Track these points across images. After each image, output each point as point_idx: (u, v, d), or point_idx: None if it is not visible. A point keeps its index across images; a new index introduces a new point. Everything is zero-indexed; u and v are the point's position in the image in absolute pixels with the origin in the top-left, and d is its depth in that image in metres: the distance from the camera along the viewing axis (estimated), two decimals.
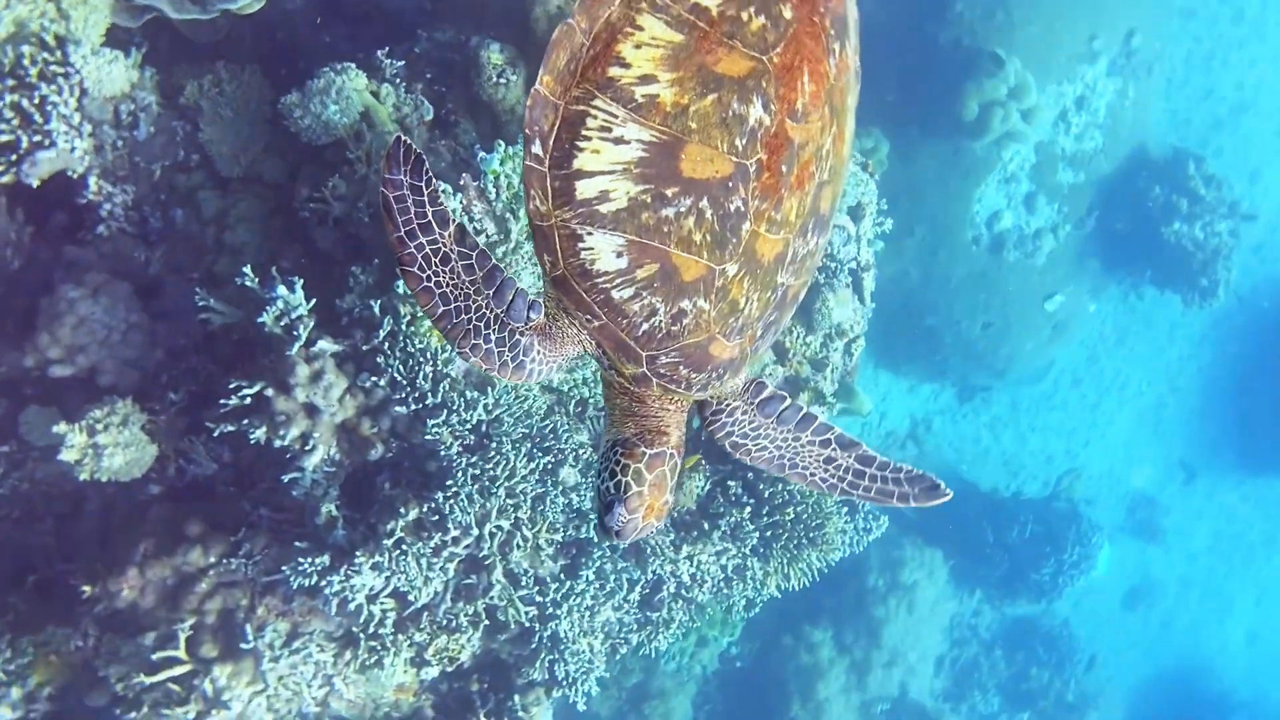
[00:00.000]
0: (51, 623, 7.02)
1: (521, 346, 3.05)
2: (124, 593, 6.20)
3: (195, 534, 6.29)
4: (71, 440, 6.24)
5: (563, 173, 2.61)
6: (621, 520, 3.04)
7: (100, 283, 6.55)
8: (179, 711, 5.95)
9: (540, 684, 6.98)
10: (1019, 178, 17.60)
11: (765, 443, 3.47)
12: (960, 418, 23.77)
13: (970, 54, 15.70)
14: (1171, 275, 19.16)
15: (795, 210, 2.79)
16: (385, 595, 6.06)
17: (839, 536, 7.52)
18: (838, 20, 2.73)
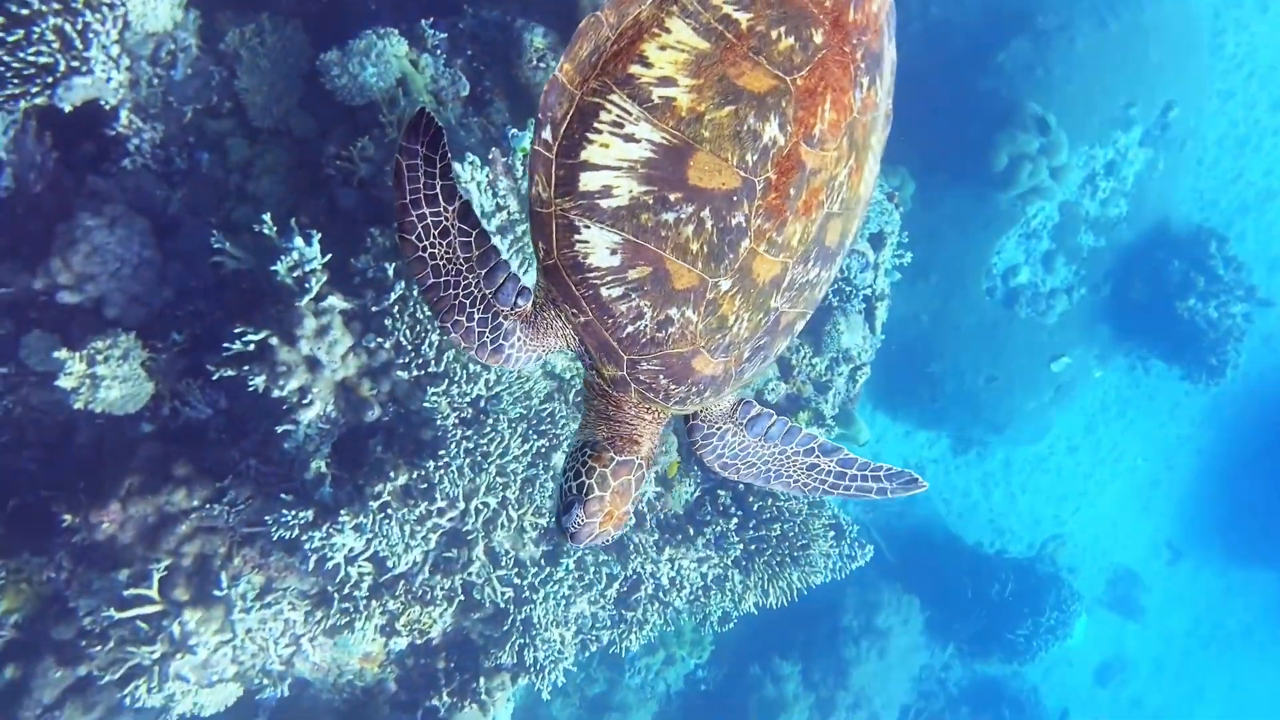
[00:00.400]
0: (27, 550, 6.99)
1: (503, 330, 3.02)
2: (104, 525, 6.16)
3: (181, 475, 6.27)
4: (71, 368, 6.21)
5: (569, 162, 2.58)
6: (579, 523, 3.01)
7: (118, 214, 6.55)
8: (144, 650, 5.90)
9: (507, 668, 6.92)
10: (1040, 235, 17.60)
11: (753, 459, 3.48)
12: (953, 469, 23.74)
13: (1007, 105, 15.75)
14: (1181, 350, 19.12)
15: (799, 236, 2.73)
16: (364, 558, 6.03)
17: (822, 560, 7.47)
18: (871, 56, 2.69)
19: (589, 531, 3.03)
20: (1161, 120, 18.11)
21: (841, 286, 8.06)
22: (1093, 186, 17.70)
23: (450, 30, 7.24)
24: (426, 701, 7.01)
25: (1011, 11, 16.77)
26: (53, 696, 7.01)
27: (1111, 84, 16.86)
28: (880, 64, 2.76)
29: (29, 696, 6.96)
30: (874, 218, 8.48)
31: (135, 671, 6.07)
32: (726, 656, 16.84)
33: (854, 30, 2.59)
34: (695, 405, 3.13)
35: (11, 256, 6.97)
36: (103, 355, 6.28)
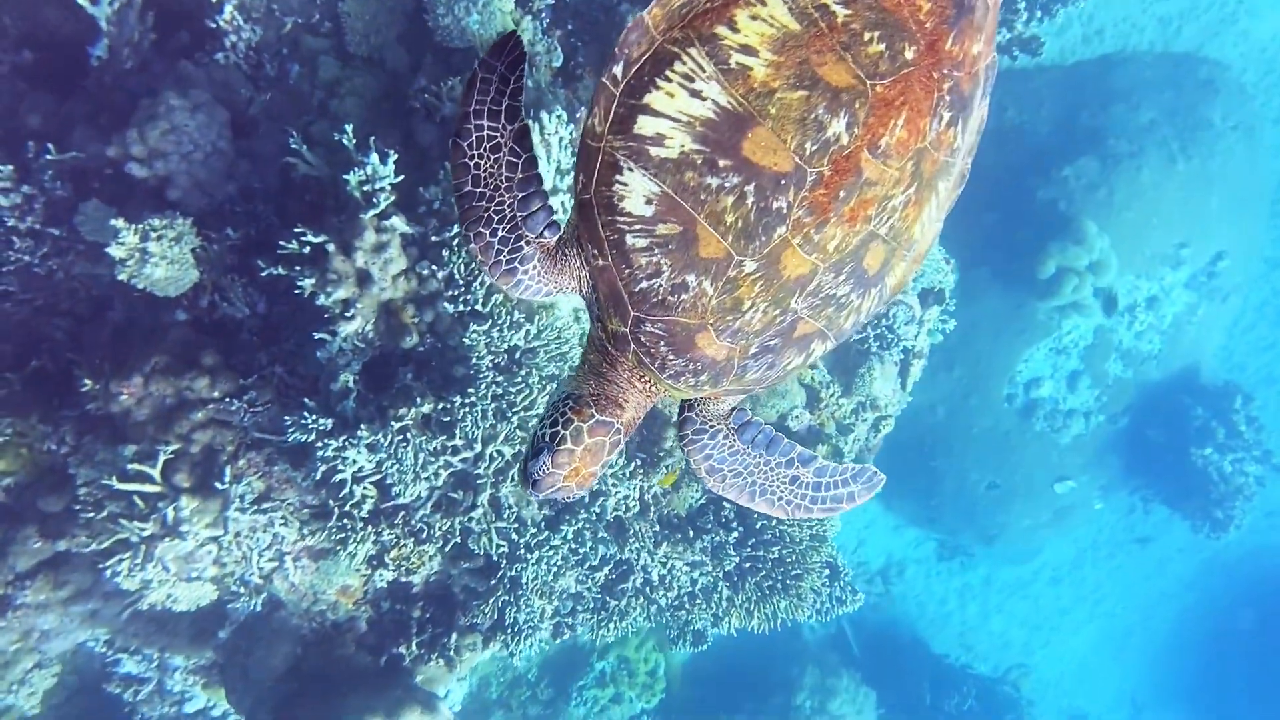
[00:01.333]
0: (39, 412, 6.96)
1: (522, 254, 3.00)
2: (123, 397, 6.13)
3: (208, 364, 6.25)
4: (124, 238, 6.22)
5: (631, 102, 2.54)
6: (544, 470, 2.95)
7: (203, 101, 6.60)
8: (135, 525, 5.83)
9: (481, 629, 6.82)
10: (1070, 352, 17.60)
11: (739, 468, 3.40)
12: (934, 574, 23.57)
13: (1063, 218, 15.85)
14: (1188, 497, 19.02)
15: (836, 242, 2.66)
16: (370, 481, 5.97)
17: (812, 595, 7.37)
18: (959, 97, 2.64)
19: (552, 482, 2.96)
20: (1210, 268, 18.21)
21: (884, 333, 8.06)
22: (1131, 317, 17.74)
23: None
24: (394, 648, 6.90)
25: (1085, 129, 16.95)
26: (27, 566, 6.96)
27: (1169, 220, 16.97)
28: (967, 111, 2.72)
29: (3, 561, 6.91)
30: (929, 273, 8.50)
31: (121, 546, 5.99)
32: (674, 708, 16.56)
33: (947, 60, 2.56)
34: (688, 387, 3.03)
35: (88, 123, 7.03)
36: (157, 233, 6.29)
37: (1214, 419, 18.42)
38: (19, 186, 6.81)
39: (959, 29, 2.53)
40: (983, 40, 2.64)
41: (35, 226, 6.88)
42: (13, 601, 6.92)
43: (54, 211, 6.95)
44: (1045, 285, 15.61)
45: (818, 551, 7.26)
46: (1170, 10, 20.27)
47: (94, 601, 7.19)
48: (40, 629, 7.16)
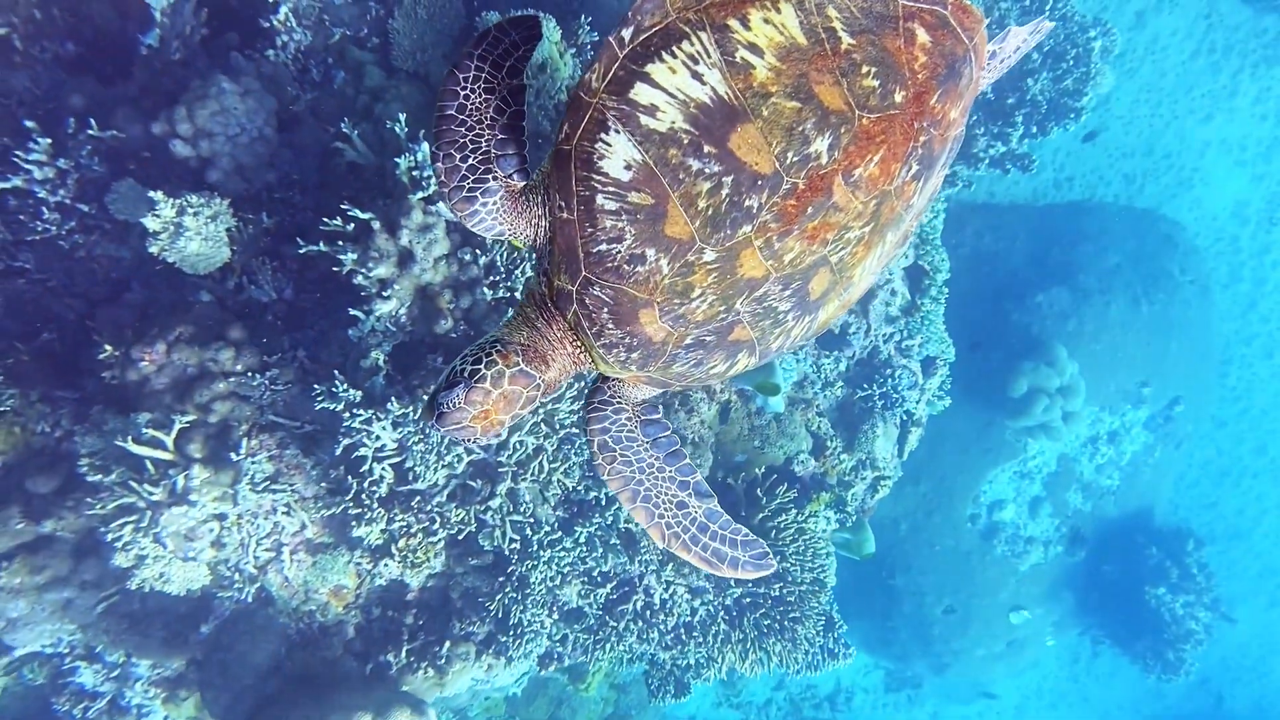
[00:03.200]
0: (44, 384, 6.81)
1: (486, 188, 2.96)
2: (144, 363, 6.03)
3: (234, 338, 6.18)
4: (160, 210, 6.22)
5: (633, 67, 2.55)
6: (455, 404, 2.87)
7: (253, 88, 6.72)
8: (146, 489, 5.66)
9: (476, 639, 6.60)
10: (1034, 478, 17.85)
11: (631, 458, 3.31)
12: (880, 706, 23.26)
13: (1034, 342, 16.33)
14: (1139, 636, 19.07)
15: (793, 255, 2.73)
16: (389, 462, 5.87)
17: (806, 645, 7.25)
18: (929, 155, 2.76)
19: (458, 418, 2.89)
20: (1167, 411, 18.75)
21: (889, 392, 8.18)
22: (1094, 449, 18.11)
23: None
24: (381, 655, 6.65)
25: (1057, 263, 17.64)
26: (6, 547, 6.72)
27: (1133, 358, 17.55)
28: (930, 171, 2.84)
29: None
30: (933, 343, 8.72)
31: (127, 510, 5.80)
32: None
33: (929, 115, 2.68)
34: (617, 361, 3.01)
35: (131, 106, 7.10)
36: (194, 209, 6.31)
37: (1168, 559, 18.67)
38: (54, 160, 6.82)
39: (945, 89, 2.67)
40: (959, 110, 2.81)
41: (65, 201, 6.86)
42: None
43: (86, 189, 6.95)
44: (1016, 404, 15.94)
45: (817, 598, 7.19)
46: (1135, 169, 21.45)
47: (70, 590, 6.89)
48: (8, 616, 6.82)
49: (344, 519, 6.46)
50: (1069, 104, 11.59)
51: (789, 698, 23.03)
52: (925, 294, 8.43)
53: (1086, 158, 21.02)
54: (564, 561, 6.35)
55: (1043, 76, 11.52)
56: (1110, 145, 21.16)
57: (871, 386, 8.15)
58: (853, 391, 8.23)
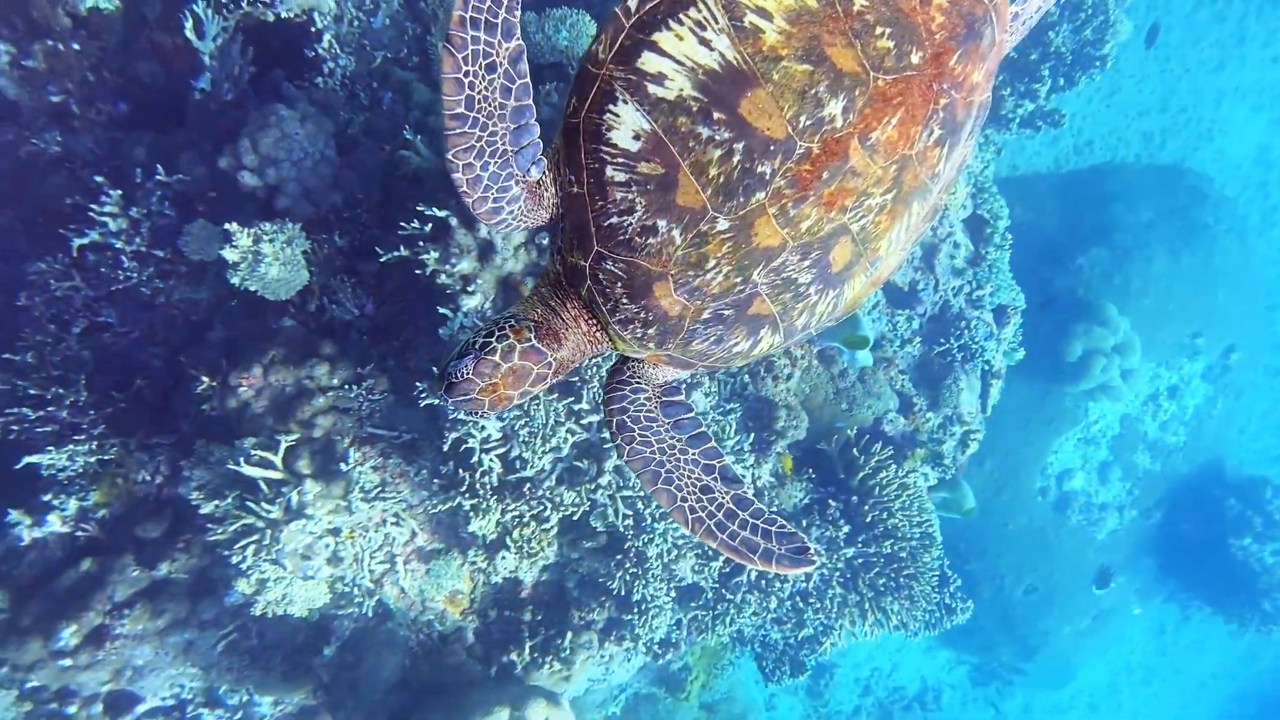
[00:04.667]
0: (143, 430, 6.90)
1: (510, 194, 2.85)
2: (242, 389, 6.09)
3: (326, 353, 6.24)
4: (238, 240, 6.32)
5: (640, 36, 2.52)
6: (463, 373, 2.83)
7: (310, 113, 6.84)
8: (263, 507, 5.70)
9: (597, 626, 6.57)
10: (1099, 442, 17.66)
11: (651, 439, 3.21)
12: (970, 701, 22.86)
13: (1082, 304, 16.22)
14: (1231, 593, 18.68)
15: (809, 223, 2.65)
16: (495, 453, 5.88)
17: (923, 600, 7.17)
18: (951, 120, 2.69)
19: (466, 389, 2.85)
20: (1223, 361, 18.54)
21: (967, 343, 8.15)
22: (1155, 406, 17.92)
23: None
24: (504, 656, 6.62)
25: (1091, 225, 17.57)
26: (125, 595, 6.80)
27: (1183, 309, 17.39)
28: (955, 137, 2.75)
29: (102, 591, 6.73)
30: (1003, 291, 8.69)
31: (247, 531, 5.83)
32: None
33: (949, 77, 2.62)
34: (634, 339, 2.95)
35: (191, 150, 7.24)
36: (269, 236, 6.41)
37: (1249, 509, 18.34)
38: (127, 210, 6.95)
39: (965, 50, 2.62)
40: (983, 73, 2.74)
41: (142, 249, 6.98)
42: (110, 632, 6.68)
43: (160, 235, 7.07)
44: (1073, 368, 15.79)
45: (928, 552, 7.11)
46: (1153, 126, 21.41)
47: (190, 631, 6.93)
48: (134, 664, 6.86)
49: (454, 521, 6.48)
50: (1092, 53, 11.61)
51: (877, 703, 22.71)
52: (989, 243, 8.43)
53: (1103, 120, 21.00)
54: (678, 533, 6.31)
55: (1063, 29, 11.56)
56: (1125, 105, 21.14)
57: (948, 340, 8.12)
58: (930, 348, 8.20)
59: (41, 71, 7.39)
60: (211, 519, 5.98)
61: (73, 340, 7.11)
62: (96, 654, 6.61)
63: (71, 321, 7.17)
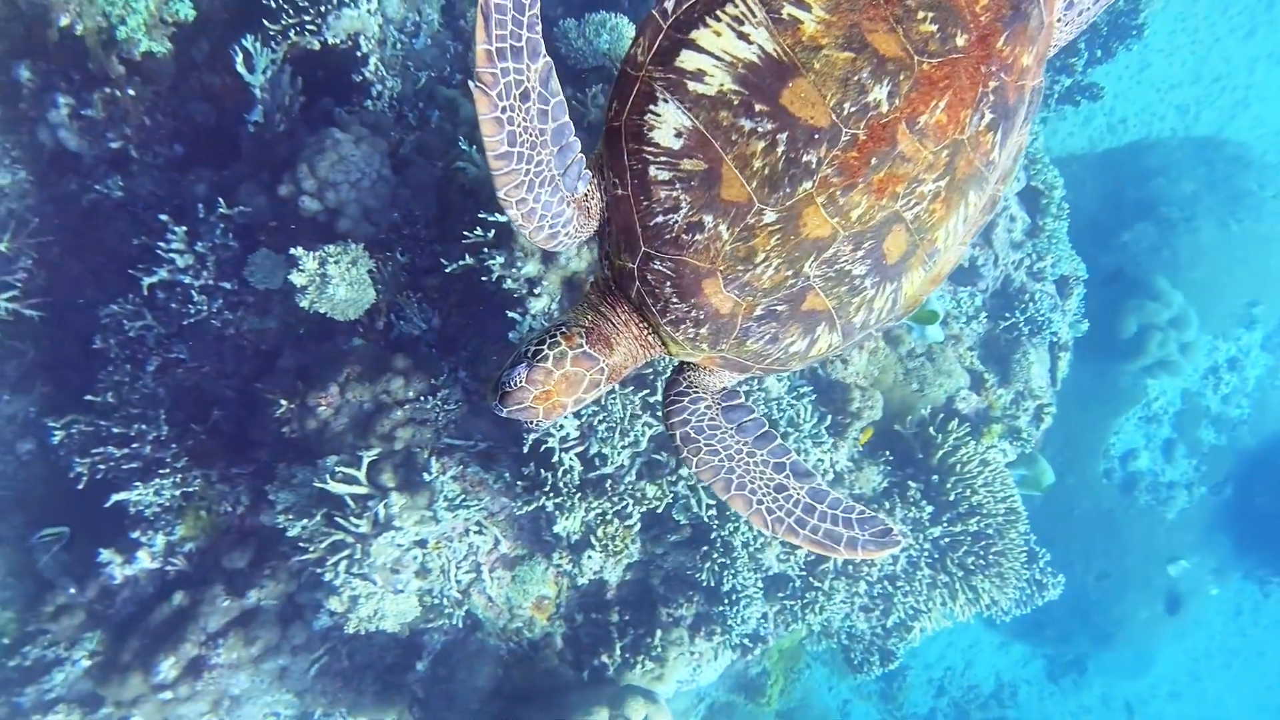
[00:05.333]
0: (222, 463, 6.98)
1: (564, 217, 2.80)
2: (320, 409, 6.15)
3: (400, 367, 6.29)
4: (304, 264, 6.40)
5: (678, 36, 2.51)
6: (517, 382, 2.80)
7: (363, 134, 6.93)
8: (352, 521, 5.74)
9: (685, 622, 6.54)
10: (1161, 420, 17.39)
11: (718, 446, 3.16)
12: (1047, 696, 22.46)
13: (1131, 280, 16.01)
14: None
15: (860, 211, 2.59)
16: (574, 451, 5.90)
17: (1013, 576, 7.06)
18: (1003, 99, 2.64)
19: (520, 398, 2.81)
20: None
21: (1033, 315, 8.06)
22: (1216, 379, 17.63)
23: None
24: (594, 660, 6.60)
25: (1132, 201, 17.38)
26: (218, 625, 6.88)
27: (1236, 278, 17.12)
28: (1009, 123, 2.70)
29: (195, 623, 6.81)
30: (1064, 262, 8.61)
31: (338, 547, 5.88)
32: None
33: (997, 59, 2.57)
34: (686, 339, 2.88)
35: (250, 181, 7.35)
36: (334, 258, 6.48)
37: None
38: (192, 245, 7.06)
39: (1012, 31, 2.57)
40: (1034, 57, 2.68)
41: (209, 283, 7.09)
42: (207, 662, 6.75)
43: (225, 268, 7.18)
44: (1129, 345, 15.56)
45: (1015, 528, 7.02)
46: (1186, 99, 21.20)
47: (283, 657, 6.98)
48: (230, 694, 6.92)
49: (536, 527, 6.49)
50: (1127, 23, 11.53)
51: (952, 703, 22.39)
52: (1045, 213, 8.36)
53: (1135, 97, 20.85)
54: None
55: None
56: (1156, 79, 20.98)
57: (1013, 314, 8.04)
58: (995, 324, 8.13)
59: (100, 120, 7.55)
60: (300, 540, 6.03)
61: (148, 378, 7.23)
62: (195, 685, 6.68)
63: (145, 360, 7.29)
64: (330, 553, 5.93)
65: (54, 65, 7.58)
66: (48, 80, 7.61)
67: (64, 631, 7.11)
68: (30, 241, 7.80)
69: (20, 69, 7.59)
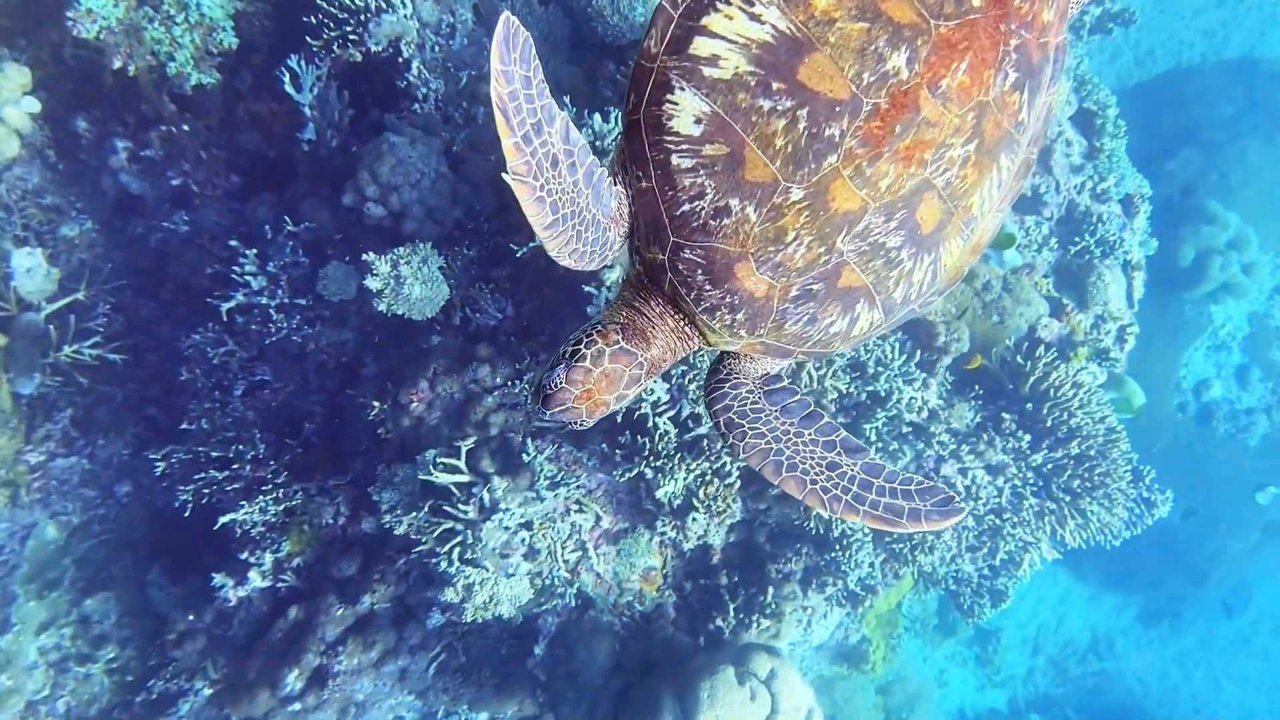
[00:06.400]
0: (321, 472, 7.08)
1: (607, 241, 2.83)
2: (413, 405, 6.21)
3: (484, 355, 6.34)
4: (377, 269, 6.48)
5: (689, 23, 2.50)
6: (556, 384, 2.80)
7: (417, 136, 7.01)
8: (460, 509, 5.79)
9: (795, 576, 6.51)
10: (1230, 347, 17.05)
11: (763, 429, 3.11)
12: (1145, 644, 22.01)
13: (1182, 208, 15.75)
14: None
15: (889, 181, 2.54)
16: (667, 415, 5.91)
17: (1121, 496, 6.95)
18: (1026, 57, 2.59)
19: (562, 399, 2.81)
20: None
21: (1103, 238, 7.95)
22: None
23: None
24: (708, 625, 6.59)
25: (1171, 129, 17.11)
26: (335, 633, 6.96)
27: None
28: (1034, 81, 2.65)
29: (313, 634, 6.89)
30: (1127, 180, 8.50)
31: (449, 535, 5.93)
32: None
33: (1015, 16, 2.52)
34: (723, 326, 2.85)
35: (311, 198, 7.46)
36: (405, 259, 6.56)
37: None
38: (264, 266, 7.17)
39: None
40: (1055, 12, 2.62)
41: (285, 301, 7.19)
42: (330, 671, 6.83)
43: (298, 285, 7.28)
44: (1188, 273, 15.28)
45: (1116, 446, 6.91)
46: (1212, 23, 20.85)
47: (402, 658, 7.05)
48: (355, 700, 6.99)
49: (635, 499, 6.49)
50: None
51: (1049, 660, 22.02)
52: (1101, 134, 8.25)
53: (1159, 27, 20.54)
54: None
55: None
56: (1179, 7, 20.65)
57: (1083, 237, 7.94)
58: (1065, 250, 8.03)
59: (159, 159, 7.71)
60: (411, 534, 6.08)
61: (237, 402, 7.35)
62: (321, 694, 6.75)
63: (232, 386, 7.42)
64: (441, 543, 5.97)
65: (108, 112, 7.76)
66: (104, 128, 7.80)
67: (187, 658, 7.23)
68: (105, 288, 7.97)
69: (77, 121, 7.78)
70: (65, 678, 7.80)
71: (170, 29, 6.88)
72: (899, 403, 6.27)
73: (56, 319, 7.62)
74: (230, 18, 7.13)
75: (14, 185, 7.79)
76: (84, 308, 7.81)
